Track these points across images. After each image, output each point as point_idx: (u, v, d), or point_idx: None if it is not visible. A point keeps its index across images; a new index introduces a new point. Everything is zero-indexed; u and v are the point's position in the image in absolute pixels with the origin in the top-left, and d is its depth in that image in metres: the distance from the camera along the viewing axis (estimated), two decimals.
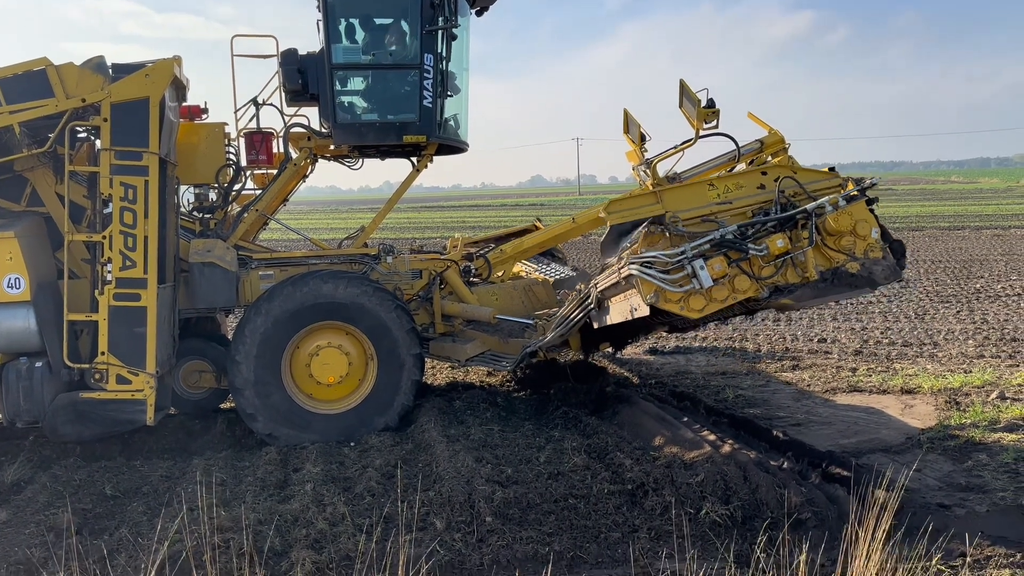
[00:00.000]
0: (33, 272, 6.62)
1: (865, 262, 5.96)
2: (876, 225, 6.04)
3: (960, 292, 15.72)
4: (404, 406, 7.52)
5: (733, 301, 5.89)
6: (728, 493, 5.45)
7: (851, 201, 5.98)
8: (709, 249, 5.79)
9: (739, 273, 5.85)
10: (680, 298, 5.80)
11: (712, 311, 5.91)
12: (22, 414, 6.61)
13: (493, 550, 4.90)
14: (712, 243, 5.79)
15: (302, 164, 8.21)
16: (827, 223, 5.89)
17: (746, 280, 5.84)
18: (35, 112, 6.51)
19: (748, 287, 5.84)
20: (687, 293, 5.79)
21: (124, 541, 5.12)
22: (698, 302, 5.82)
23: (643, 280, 5.81)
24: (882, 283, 6.01)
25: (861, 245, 5.97)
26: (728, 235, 5.83)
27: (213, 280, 7.22)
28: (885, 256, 6.00)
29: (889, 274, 5.96)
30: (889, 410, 8.25)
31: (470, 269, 8.85)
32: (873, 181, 6.14)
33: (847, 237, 5.96)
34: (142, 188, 6.53)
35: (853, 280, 5.93)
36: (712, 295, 5.83)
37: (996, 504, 5.65)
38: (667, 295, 5.80)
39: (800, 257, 5.88)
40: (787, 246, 5.85)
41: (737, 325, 13.08)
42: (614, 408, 7.80)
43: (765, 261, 5.87)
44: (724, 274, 5.77)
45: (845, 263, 5.95)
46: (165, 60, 6.70)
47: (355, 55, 8.13)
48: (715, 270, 5.72)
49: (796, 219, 5.95)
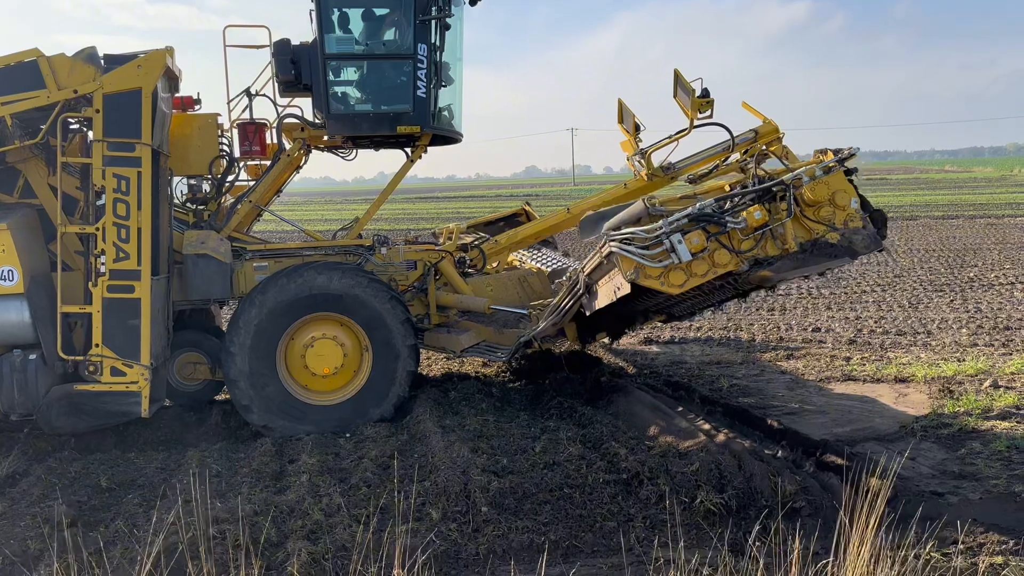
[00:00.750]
0: (26, 264, 6.59)
1: (845, 232, 5.92)
2: (855, 195, 5.99)
3: (954, 281, 15.77)
4: (399, 397, 7.52)
5: (714, 276, 5.85)
6: (723, 482, 5.47)
7: (829, 172, 5.95)
8: (687, 224, 5.77)
9: (719, 247, 5.82)
10: (660, 274, 5.79)
11: (693, 286, 5.88)
12: (16, 407, 6.59)
13: (489, 540, 4.92)
14: (690, 217, 5.76)
15: (296, 155, 8.18)
16: (804, 194, 5.86)
17: (726, 254, 5.81)
18: (27, 103, 6.47)
19: (728, 261, 5.81)
20: (667, 269, 5.78)
21: (120, 533, 5.12)
22: (678, 277, 5.80)
23: (623, 257, 5.81)
24: (862, 252, 5.96)
25: (841, 215, 5.93)
26: (706, 209, 5.80)
27: (207, 272, 7.20)
28: (865, 226, 5.95)
29: (869, 243, 5.91)
30: (883, 399, 8.28)
31: (465, 260, 8.84)
32: (852, 151, 6.09)
33: (826, 208, 5.93)
34: (135, 179, 6.50)
35: (833, 250, 5.89)
36: (692, 270, 5.81)
37: (989, 492, 5.69)
38: (647, 271, 5.78)
39: (779, 229, 5.85)
40: (765, 218, 5.80)
41: (732, 315, 13.12)
42: (609, 398, 7.82)
43: (744, 234, 5.83)
44: (703, 248, 5.74)
45: (825, 234, 5.91)
46: (158, 51, 6.67)
47: (348, 45, 8.08)
48: (693, 244, 5.70)
49: (774, 192, 5.93)
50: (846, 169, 6.04)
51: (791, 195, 5.85)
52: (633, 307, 7.60)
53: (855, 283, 15.98)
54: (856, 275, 17.04)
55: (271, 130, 8.10)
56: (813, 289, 15.38)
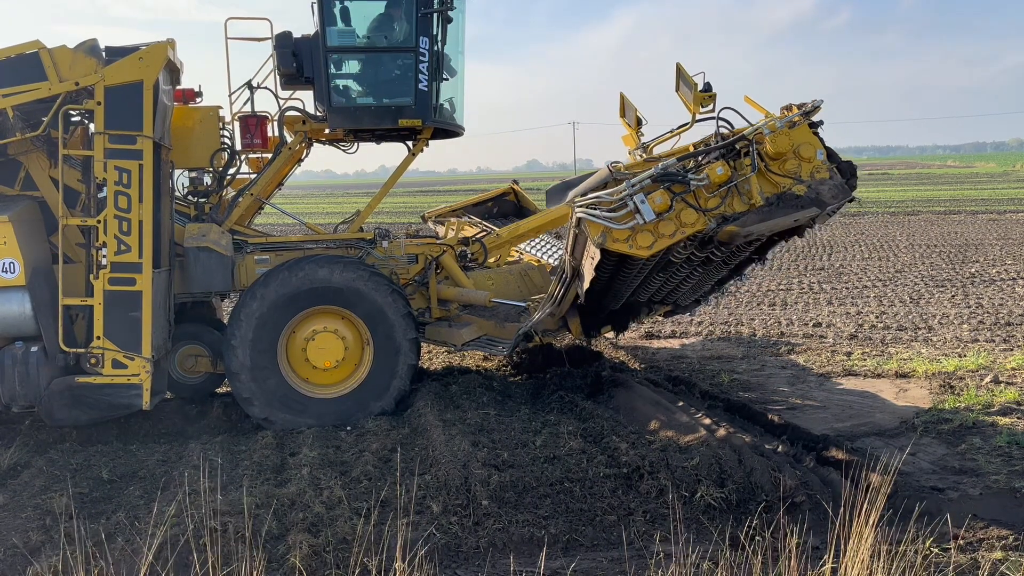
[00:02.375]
0: (28, 256, 6.59)
1: (812, 183, 5.85)
2: (821, 147, 5.91)
3: (955, 276, 15.76)
4: (400, 390, 7.53)
5: (682, 236, 5.81)
6: (723, 476, 5.47)
7: (793, 127, 5.89)
8: (651, 184, 5.74)
9: (685, 207, 5.78)
10: (627, 236, 5.76)
11: (662, 247, 5.84)
12: (18, 399, 6.60)
13: (489, 533, 4.92)
14: (653, 178, 5.73)
15: (297, 148, 8.17)
16: (766, 147, 5.80)
17: (692, 213, 5.77)
18: (28, 95, 6.46)
19: (695, 219, 5.78)
20: (633, 231, 5.75)
21: (121, 525, 5.13)
22: (645, 239, 5.78)
23: (590, 222, 5.80)
24: (831, 202, 5.85)
25: (807, 168, 5.87)
26: (669, 168, 5.77)
27: (208, 264, 7.19)
28: (832, 176, 5.88)
29: (837, 192, 5.84)
30: (883, 394, 8.28)
31: (466, 254, 8.84)
32: (816, 104, 6.03)
33: (791, 161, 5.86)
34: (136, 172, 6.49)
35: (799, 201, 5.80)
36: (659, 230, 5.78)
37: (989, 487, 5.69)
38: (613, 234, 5.76)
39: (745, 185, 5.80)
40: (727, 173, 5.75)
41: (733, 310, 13.12)
42: (610, 392, 7.82)
43: (709, 192, 5.79)
44: (667, 207, 5.70)
45: (792, 187, 5.85)
46: (159, 43, 6.65)
47: (350, 38, 8.06)
48: (657, 203, 5.66)
49: (737, 148, 5.89)
50: (811, 122, 5.98)
51: (754, 150, 5.80)
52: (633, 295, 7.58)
53: (856, 278, 15.97)
54: (857, 270, 17.04)
55: (272, 123, 8.09)
56: (814, 284, 15.38)
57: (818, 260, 18.92)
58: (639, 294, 7.70)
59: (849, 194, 5.88)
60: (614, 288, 7.07)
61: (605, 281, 6.80)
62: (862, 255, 19.55)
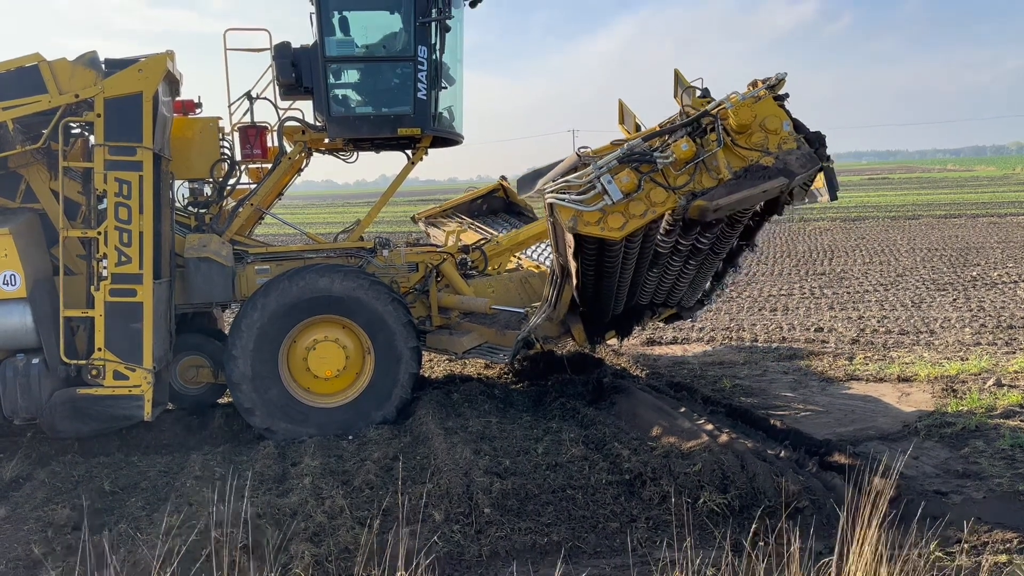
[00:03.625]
0: (29, 269, 6.60)
1: (779, 154, 5.83)
2: (787, 119, 5.90)
3: (956, 280, 15.75)
4: (402, 399, 7.52)
5: (653, 215, 5.79)
6: (726, 482, 5.46)
7: (758, 101, 5.88)
8: (618, 165, 5.74)
9: (654, 186, 5.77)
10: (599, 219, 5.74)
11: (634, 228, 5.82)
12: (20, 411, 6.60)
13: (492, 541, 4.91)
14: (619, 159, 5.73)
15: (297, 158, 8.18)
16: (730, 122, 5.80)
17: (661, 191, 5.76)
18: (28, 108, 6.48)
19: (664, 198, 5.77)
20: (604, 213, 5.74)
21: (123, 536, 5.12)
22: (616, 220, 5.76)
23: (560, 207, 5.79)
24: (799, 172, 5.81)
25: (774, 140, 5.85)
26: (635, 148, 5.76)
27: (209, 275, 7.20)
28: (800, 146, 5.85)
29: (805, 162, 5.80)
30: (886, 398, 8.27)
31: (466, 261, 8.84)
32: (780, 77, 6.01)
33: (758, 134, 5.85)
34: (136, 183, 6.51)
35: (767, 172, 5.77)
36: (630, 211, 5.76)
37: (993, 491, 5.67)
38: (584, 217, 5.74)
39: (712, 161, 5.80)
40: (692, 149, 5.75)
41: (734, 315, 13.11)
42: (612, 399, 7.81)
43: (677, 169, 5.79)
44: (635, 186, 5.69)
45: (759, 159, 5.83)
46: (158, 55, 6.68)
47: (348, 48, 8.09)
48: (623, 183, 5.66)
49: (703, 124, 5.89)
50: (776, 96, 5.98)
51: (719, 125, 5.79)
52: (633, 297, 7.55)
53: (857, 283, 15.97)
54: (858, 275, 17.03)
55: (272, 133, 8.11)
56: (816, 289, 15.37)
57: (819, 265, 18.92)
58: (639, 295, 7.68)
59: (817, 163, 5.85)
60: (605, 285, 7.01)
61: (593, 276, 6.75)
62: (863, 259, 19.55)
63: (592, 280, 6.86)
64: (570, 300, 7.29)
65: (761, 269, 18.62)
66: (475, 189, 11.96)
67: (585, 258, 6.35)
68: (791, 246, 23.20)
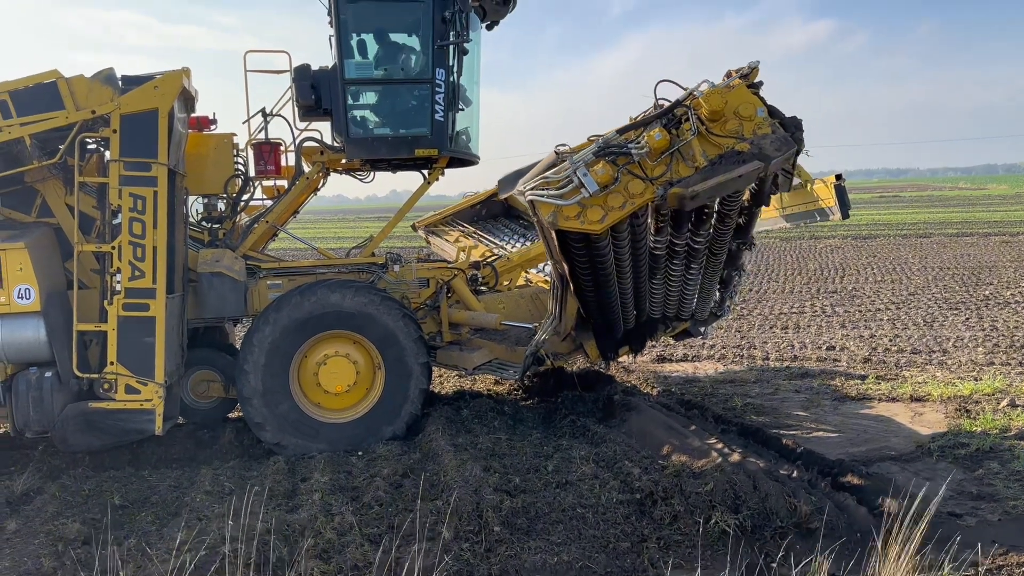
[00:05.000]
0: (43, 282, 6.65)
1: (754, 140, 5.83)
2: (761, 105, 5.91)
3: (969, 299, 15.66)
4: (412, 415, 7.52)
5: (633, 207, 5.79)
6: (737, 502, 5.42)
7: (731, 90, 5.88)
8: (594, 159, 5.75)
9: (631, 177, 5.78)
10: (578, 212, 5.75)
11: (614, 220, 5.80)
12: (32, 424, 6.62)
13: (501, 560, 4.88)
14: (595, 152, 5.75)
15: (314, 178, 8.26)
16: (702, 110, 5.81)
17: (639, 183, 5.77)
18: (45, 124, 6.54)
19: (642, 189, 5.77)
20: (582, 207, 5.74)
21: (133, 551, 5.12)
22: (595, 213, 5.76)
23: (540, 203, 5.80)
24: (774, 155, 5.78)
25: (749, 126, 5.86)
26: (611, 141, 5.78)
27: (221, 290, 7.24)
28: (775, 130, 5.85)
29: (780, 145, 5.78)
30: (899, 418, 8.21)
31: (477, 277, 8.85)
32: (752, 65, 6.01)
33: (732, 121, 5.85)
34: (151, 199, 6.55)
35: (741, 157, 5.77)
36: (608, 203, 5.76)
37: (1008, 513, 5.62)
38: (564, 212, 5.75)
39: (688, 150, 5.80)
40: (665, 138, 5.75)
41: (745, 333, 13.06)
42: (622, 417, 7.78)
43: (653, 159, 5.80)
44: (611, 178, 5.69)
45: (735, 145, 5.83)
46: (174, 72, 6.74)
47: (367, 70, 8.16)
48: (599, 175, 5.67)
49: (677, 115, 5.89)
50: (751, 84, 5.97)
51: (692, 114, 5.80)
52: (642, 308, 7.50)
53: (869, 301, 15.90)
54: (870, 293, 16.96)
55: (287, 151, 8.16)
56: (827, 307, 15.31)
57: (831, 283, 18.85)
58: (648, 308, 7.61)
59: (793, 145, 5.85)
60: (606, 293, 6.96)
61: (590, 281, 6.72)
62: (875, 278, 19.47)
63: (591, 286, 6.83)
64: (576, 313, 7.26)
65: (772, 287, 18.56)
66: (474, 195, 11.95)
67: (576, 259, 6.35)
68: (802, 264, 23.13)
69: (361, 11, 7.90)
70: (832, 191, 9.52)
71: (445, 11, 7.66)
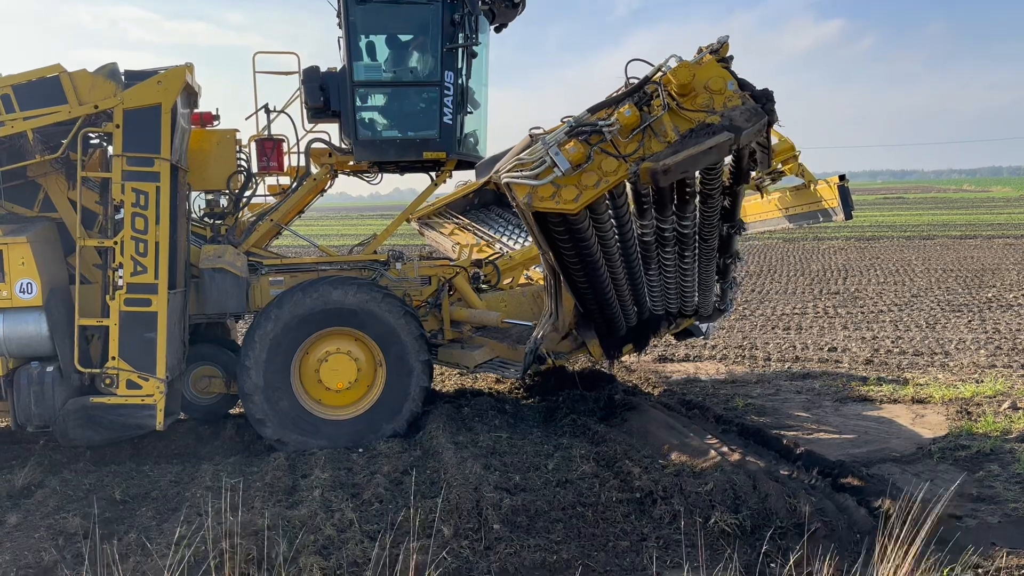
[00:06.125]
0: (45, 277, 6.66)
1: (724, 112, 5.82)
2: (732, 79, 5.90)
3: (971, 301, 15.64)
4: (413, 412, 7.52)
5: (607, 185, 5.77)
6: (737, 502, 5.42)
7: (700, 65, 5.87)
8: (566, 139, 5.75)
9: (604, 156, 5.77)
10: (552, 193, 5.73)
11: (588, 199, 5.79)
12: (33, 418, 6.63)
13: (501, 558, 4.88)
14: (567, 132, 5.75)
15: (322, 179, 8.27)
16: (672, 86, 5.80)
17: (612, 160, 5.76)
18: (48, 118, 6.55)
19: (616, 166, 5.75)
20: (556, 187, 5.73)
21: (133, 546, 5.13)
22: (570, 192, 5.75)
23: (516, 185, 5.79)
24: (745, 126, 5.75)
25: (719, 99, 5.85)
26: (582, 120, 5.77)
27: (223, 286, 7.24)
28: (745, 102, 5.84)
29: (750, 116, 5.76)
30: (900, 420, 8.20)
31: (479, 276, 8.85)
32: (722, 40, 6.01)
33: (703, 95, 5.84)
34: (153, 194, 6.56)
35: (712, 129, 5.75)
36: (582, 182, 5.75)
37: (1008, 515, 5.60)
38: (539, 192, 5.74)
39: (660, 126, 5.80)
40: (635, 114, 5.74)
41: (747, 333, 13.05)
42: (623, 416, 7.78)
43: (624, 137, 5.78)
44: (583, 157, 5.69)
45: (706, 119, 5.82)
46: (177, 67, 6.74)
47: (376, 73, 8.18)
48: (571, 153, 5.66)
49: (648, 92, 5.88)
50: (721, 59, 5.97)
51: (663, 90, 5.79)
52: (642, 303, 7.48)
53: (872, 303, 15.88)
54: (873, 295, 16.94)
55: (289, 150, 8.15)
56: (829, 308, 15.29)
57: (833, 284, 18.83)
58: (649, 303, 7.58)
59: (763, 116, 5.85)
60: (598, 283, 6.93)
61: (579, 270, 6.69)
62: (877, 279, 19.45)
63: (582, 278, 6.78)
64: (574, 310, 7.23)
65: (774, 287, 18.55)
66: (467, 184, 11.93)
67: (561, 247, 6.34)
68: (805, 265, 23.12)
69: (370, 13, 7.91)
70: (835, 192, 9.51)
71: (454, 13, 7.67)
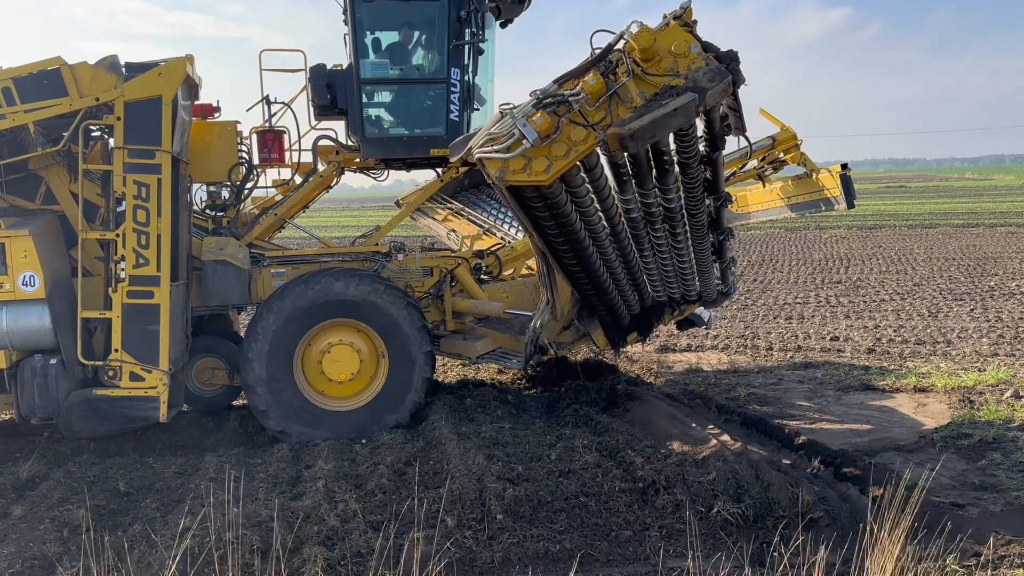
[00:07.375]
0: (48, 270, 6.66)
1: (688, 74, 5.84)
2: (695, 42, 5.91)
3: (974, 290, 15.62)
4: (415, 403, 7.53)
5: (577, 155, 5.78)
6: (740, 491, 5.43)
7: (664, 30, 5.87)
8: (533, 111, 5.72)
9: (572, 126, 5.76)
10: (524, 165, 5.73)
11: (560, 170, 5.79)
12: (37, 411, 6.66)
13: (504, 548, 4.90)
14: (534, 104, 5.73)
15: (328, 176, 8.27)
16: (635, 52, 5.79)
17: (580, 130, 5.76)
18: (49, 111, 6.55)
19: (584, 135, 5.75)
20: (527, 159, 5.73)
21: (137, 537, 5.15)
22: (540, 164, 5.75)
23: (488, 160, 5.78)
24: (709, 87, 5.75)
25: (683, 62, 5.86)
26: (548, 92, 5.75)
27: (226, 278, 7.25)
28: (708, 63, 5.85)
29: (713, 76, 5.76)
30: (902, 408, 8.21)
31: (481, 266, 8.85)
32: (684, 6, 5.99)
33: (667, 60, 5.86)
34: (155, 186, 6.56)
35: (676, 91, 5.76)
36: (552, 153, 5.75)
37: (1010, 503, 5.62)
38: (510, 166, 5.74)
39: (626, 92, 5.78)
40: (600, 82, 5.73)
41: (749, 323, 13.05)
42: (625, 406, 7.79)
43: (591, 105, 5.78)
44: (552, 128, 5.67)
45: (670, 82, 5.84)
46: (178, 59, 6.73)
47: (383, 70, 8.16)
48: (537, 123, 5.65)
49: (613, 61, 5.85)
50: (685, 24, 5.95)
51: (627, 57, 5.78)
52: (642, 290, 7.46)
53: (874, 292, 15.87)
54: (875, 284, 16.93)
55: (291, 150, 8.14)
56: (831, 297, 15.29)
57: (835, 273, 18.81)
58: (650, 289, 7.55)
59: (727, 75, 5.84)
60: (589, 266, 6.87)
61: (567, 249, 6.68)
62: (879, 268, 19.43)
63: (573, 260, 6.75)
64: (571, 298, 7.19)
65: (776, 277, 18.54)
66: None
67: (544, 226, 6.33)
68: (807, 254, 23.09)
69: (377, 10, 7.90)
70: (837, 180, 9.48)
71: (461, 10, 7.64)
